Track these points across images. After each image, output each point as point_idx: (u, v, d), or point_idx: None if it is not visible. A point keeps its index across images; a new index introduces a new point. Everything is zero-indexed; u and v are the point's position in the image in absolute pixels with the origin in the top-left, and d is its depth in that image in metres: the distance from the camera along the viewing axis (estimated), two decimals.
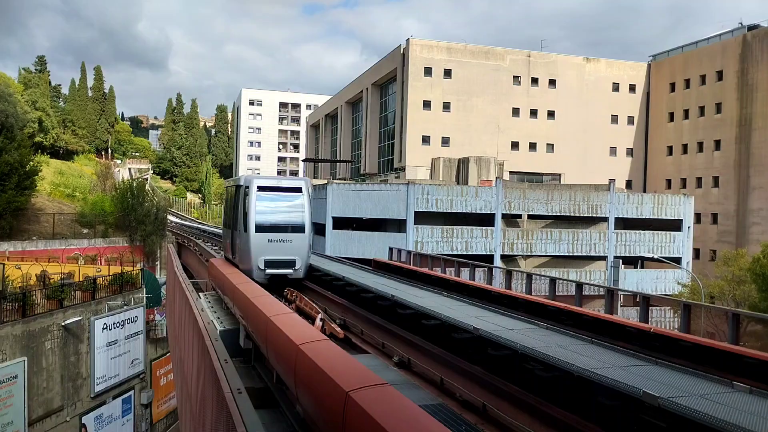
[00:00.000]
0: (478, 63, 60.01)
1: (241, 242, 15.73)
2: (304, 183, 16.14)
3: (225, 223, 19.11)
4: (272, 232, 15.38)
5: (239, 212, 15.81)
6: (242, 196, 15.68)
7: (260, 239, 15.21)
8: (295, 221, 15.72)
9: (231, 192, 17.57)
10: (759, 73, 52.76)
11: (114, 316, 32.52)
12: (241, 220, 15.56)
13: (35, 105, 67.23)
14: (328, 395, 5.85)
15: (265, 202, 15.41)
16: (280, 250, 15.39)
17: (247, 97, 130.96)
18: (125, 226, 43.84)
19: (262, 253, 15.23)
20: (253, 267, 15.24)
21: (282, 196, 15.83)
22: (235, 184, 16.89)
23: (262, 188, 15.41)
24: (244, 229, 15.36)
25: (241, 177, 16.68)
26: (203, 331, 10.43)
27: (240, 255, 15.96)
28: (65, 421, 28.81)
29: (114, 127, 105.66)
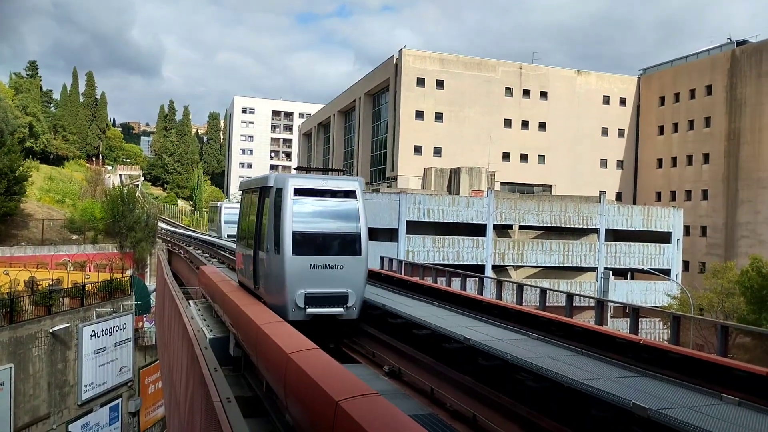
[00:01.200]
0: (470, 74, 60.38)
1: (268, 267, 11.36)
2: (357, 184, 11.72)
3: (241, 238, 14.51)
4: (316, 254, 11.11)
5: (266, 225, 11.48)
6: (271, 202, 11.39)
7: (299, 264, 10.87)
8: (348, 238, 11.42)
9: (251, 196, 13.22)
10: (747, 88, 53.44)
11: (102, 323, 32.23)
12: (270, 237, 11.20)
13: (26, 110, 66.83)
14: (318, 404, 5.84)
15: (306, 210, 11.22)
16: (327, 280, 11.04)
17: (239, 105, 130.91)
18: (115, 232, 43.54)
19: (300, 283, 10.87)
20: (287, 303, 10.85)
21: (328, 203, 11.52)
22: (258, 186, 12.37)
23: (301, 191, 11.15)
24: (274, 249, 11.00)
25: (269, 175, 11.80)
26: (193, 339, 10.38)
27: (267, 285, 11.57)
28: (52, 429, 28.46)
29: (105, 133, 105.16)
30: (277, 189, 11.26)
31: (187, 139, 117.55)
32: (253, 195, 13.02)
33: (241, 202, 14.93)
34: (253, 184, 13.22)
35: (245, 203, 14.19)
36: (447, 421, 8.13)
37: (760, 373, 7.06)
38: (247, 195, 13.98)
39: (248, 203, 13.63)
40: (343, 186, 11.67)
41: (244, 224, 14.10)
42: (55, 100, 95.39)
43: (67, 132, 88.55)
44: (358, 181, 11.87)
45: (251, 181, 14.01)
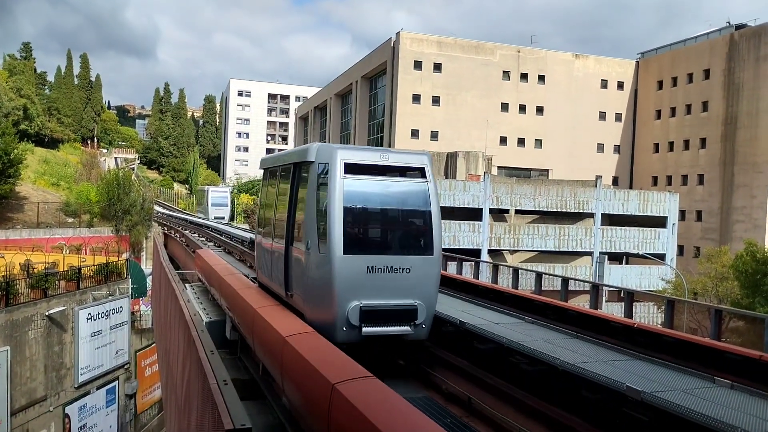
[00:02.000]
0: (468, 57, 60.00)
1: (308, 270, 8.57)
2: (426, 159, 8.94)
3: (262, 228, 11.50)
4: (375, 253, 8.38)
5: (305, 213, 8.77)
6: (311, 182, 8.68)
7: (352, 267, 8.11)
8: (417, 232, 8.77)
9: (280, 176, 10.38)
10: (745, 72, 53.27)
11: (99, 306, 32.25)
12: (310, 229, 8.48)
13: (20, 92, 66.20)
14: (314, 387, 5.87)
15: (361, 194, 8.50)
16: (389, 288, 8.28)
17: (235, 88, 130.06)
18: (111, 216, 43.43)
19: (354, 293, 8.12)
20: (335, 319, 8.11)
21: (390, 184, 8.82)
22: (291, 161, 9.63)
23: (354, 168, 8.39)
24: (317, 245, 8.26)
25: (309, 147, 8.93)
26: (189, 323, 10.39)
27: (306, 294, 8.73)
28: (48, 411, 28.60)
29: (100, 115, 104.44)
30: (320, 165, 8.52)
31: (182, 122, 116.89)
32: (282, 173, 10.17)
33: (263, 183, 11.86)
34: (283, 159, 10.48)
35: (270, 184, 11.24)
36: (442, 403, 8.19)
37: (752, 357, 7.12)
38: (273, 174, 10.91)
39: (274, 184, 10.71)
40: (409, 161, 8.85)
41: (268, 211, 11.05)
42: (50, 83, 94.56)
43: (61, 114, 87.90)
44: (426, 155, 8.97)
45: (279, 156, 11.35)
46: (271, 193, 10.99)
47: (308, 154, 8.76)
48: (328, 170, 8.30)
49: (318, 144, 8.89)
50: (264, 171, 11.86)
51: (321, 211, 8.31)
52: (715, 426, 5.20)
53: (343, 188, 8.20)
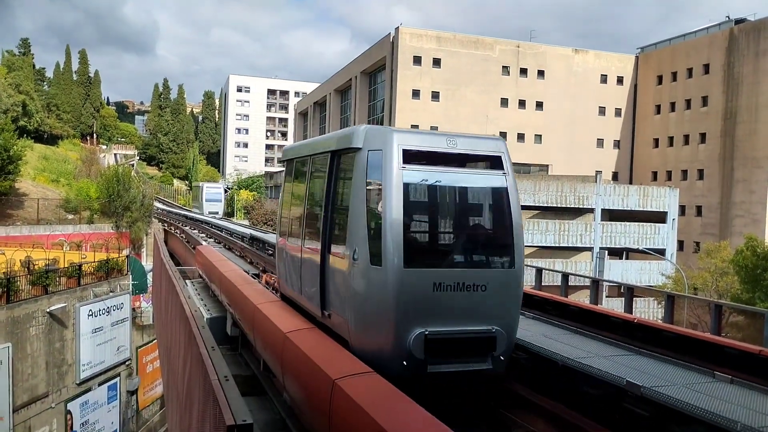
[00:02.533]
0: (467, 53, 59.89)
1: (355, 287, 6.79)
2: (503, 145, 7.23)
3: (288, 231, 9.49)
4: (443, 267, 6.78)
5: (350, 214, 6.98)
6: (359, 174, 6.90)
7: (415, 284, 6.47)
8: (495, 239, 7.20)
9: (310, 167, 8.61)
10: (745, 66, 53.17)
11: (100, 302, 32.29)
12: (358, 235, 6.75)
13: (19, 88, 66.10)
14: (314, 383, 5.88)
15: (424, 190, 7.03)
16: (460, 311, 6.64)
17: (234, 84, 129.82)
18: (111, 212, 43.41)
19: (418, 317, 6.46)
20: (393, 350, 6.43)
21: (460, 177, 7.17)
22: (328, 149, 7.81)
23: (415, 156, 6.74)
24: (368, 256, 6.54)
25: (353, 131, 7.15)
26: (190, 319, 10.41)
27: (352, 316, 6.86)
28: (50, 408, 28.66)
29: (99, 111, 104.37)
30: (370, 153, 6.72)
31: (182, 118, 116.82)
32: (315, 165, 8.38)
33: (287, 177, 9.92)
34: (316, 147, 8.57)
35: (296, 178, 9.41)
36: None
37: (752, 352, 7.14)
38: (301, 166, 9.05)
39: (303, 178, 8.95)
40: (483, 148, 7.06)
41: (295, 211, 9.18)
42: (48, 79, 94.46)
43: (60, 111, 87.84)
44: (501, 140, 7.29)
45: (310, 143, 9.37)
46: (299, 188, 9.11)
47: (353, 139, 6.93)
48: (381, 159, 6.56)
49: (366, 126, 7.02)
50: (287, 163, 9.85)
51: (372, 212, 6.63)
52: (715, 421, 5.22)
53: (401, 182, 6.44)
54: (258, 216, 54.51)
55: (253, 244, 22.90)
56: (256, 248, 21.24)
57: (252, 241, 23.87)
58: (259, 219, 53.34)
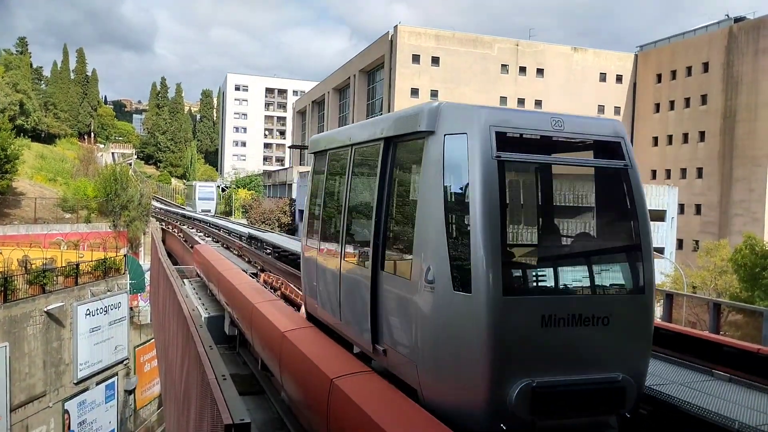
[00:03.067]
0: (466, 51, 59.86)
1: (428, 317, 5.05)
2: (620, 127, 5.56)
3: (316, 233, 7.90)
4: (553, 293, 5.14)
5: (420, 221, 5.22)
6: (430, 166, 5.23)
7: (517, 317, 4.71)
8: (619, 253, 5.56)
9: (356, 157, 6.93)
10: (744, 65, 53.19)
11: (97, 302, 32.25)
12: (433, 249, 5.01)
13: (16, 87, 65.97)
14: (312, 382, 5.86)
15: (527, 187, 5.87)
16: (576, 351, 4.93)
17: (232, 83, 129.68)
18: (108, 211, 43.35)
19: (521, 362, 4.73)
20: (488, 406, 4.68)
21: (571, 170, 5.92)
22: (383, 135, 6.21)
23: (512, 142, 5.05)
24: (447, 278, 4.82)
25: (422, 109, 5.42)
26: (188, 318, 10.37)
27: (424, 357, 5.08)
28: (48, 407, 28.62)
29: (97, 110, 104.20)
30: (448, 138, 5.06)
31: (179, 117, 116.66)
32: (358, 156, 6.79)
33: (316, 172, 8.26)
34: (359, 134, 6.87)
35: (331, 173, 7.67)
36: None
37: (751, 350, 7.12)
38: (337, 157, 7.49)
39: (341, 173, 7.31)
40: (596, 132, 5.36)
41: (330, 213, 7.58)
42: (46, 77, 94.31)
43: (58, 109, 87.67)
44: (619, 123, 5.63)
45: (353, 129, 7.44)
46: (335, 185, 7.52)
47: (421, 121, 5.25)
48: (465, 146, 4.83)
49: (441, 102, 5.34)
50: (317, 155, 8.19)
51: (454, 219, 4.90)
52: (713, 419, 5.20)
53: (496, 178, 4.72)
54: (256, 215, 54.48)
55: (251, 243, 22.88)
56: (255, 247, 21.21)
57: (250, 240, 23.85)
58: (257, 218, 53.31)
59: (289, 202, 56.15)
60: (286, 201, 56.90)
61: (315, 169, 8.33)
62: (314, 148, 8.31)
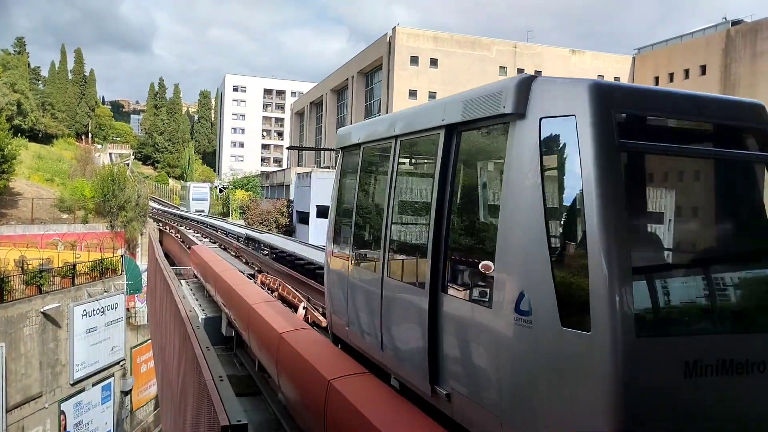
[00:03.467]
0: (464, 53, 59.95)
1: (527, 364, 3.65)
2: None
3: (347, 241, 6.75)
4: (701, 332, 3.57)
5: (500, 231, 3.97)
6: (522, 158, 3.86)
7: (652, 364, 3.24)
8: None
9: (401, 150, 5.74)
10: (742, 67, 53.38)
11: (94, 302, 32.16)
12: (533, 272, 3.64)
13: (14, 87, 65.88)
14: (310, 383, 5.84)
15: (659, 187, 4.26)
16: (730, 410, 3.41)
17: (231, 83, 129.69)
18: (106, 212, 43.28)
19: (657, 425, 3.24)
20: None
21: (712, 165, 4.06)
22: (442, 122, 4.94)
23: (636, 126, 3.71)
24: (557, 313, 3.42)
25: (506, 86, 4.03)
26: (185, 319, 10.35)
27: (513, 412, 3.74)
28: (44, 408, 28.52)
29: (95, 111, 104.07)
30: (547, 122, 3.80)
31: (177, 118, 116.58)
32: (406, 149, 5.72)
33: (346, 168, 7.24)
34: (407, 123, 5.68)
35: (365, 170, 6.60)
36: None
37: None
38: (375, 152, 6.48)
39: (380, 169, 6.38)
40: (741, 117, 4.02)
41: (362, 215, 6.57)
42: (44, 77, 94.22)
43: (55, 110, 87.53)
44: (759, 103, 4.18)
45: (393, 119, 6.07)
46: (374, 185, 6.48)
47: (505, 100, 3.99)
48: (575, 132, 3.55)
49: (529, 76, 4.04)
50: (345, 150, 7.17)
51: (558, 228, 3.71)
52: None
53: (621, 174, 3.51)
54: (254, 216, 54.45)
55: (248, 244, 22.85)
56: (252, 248, 21.18)
57: (248, 241, 23.82)
58: (254, 219, 53.28)
59: (286, 204, 56.14)
60: (283, 202, 56.87)
61: (344, 167, 7.29)
62: (343, 142, 7.20)
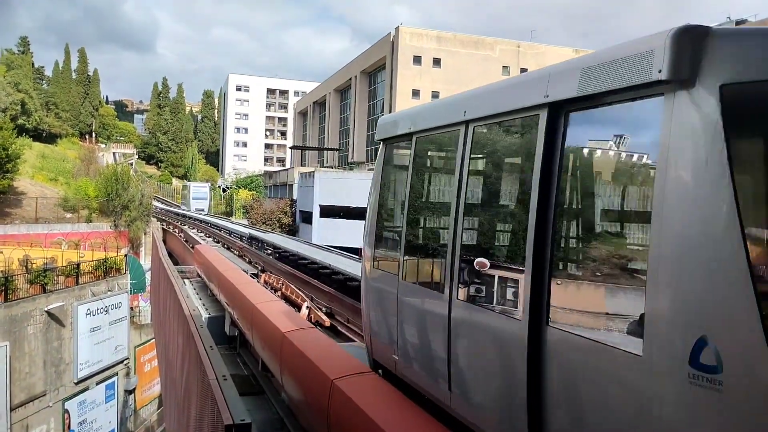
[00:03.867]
0: (467, 52, 59.91)
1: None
2: None
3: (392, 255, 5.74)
4: None
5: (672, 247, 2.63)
6: (688, 145, 2.59)
7: None
8: None
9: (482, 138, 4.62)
10: None
11: (97, 301, 32.25)
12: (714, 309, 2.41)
13: (18, 87, 66.04)
14: (313, 383, 5.86)
15: None
16: None
17: (234, 83, 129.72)
18: (109, 211, 43.38)
19: None
20: None
21: None
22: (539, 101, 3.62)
23: None
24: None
25: (653, 42, 2.75)
26: (188, 318, 10.38)
27: None
28: (48, 407, 28.62)
29: (98, 110, 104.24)
30: (729, 90, 2.52)
31: (181, 117, 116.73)
32: (483, 134, 4.67)
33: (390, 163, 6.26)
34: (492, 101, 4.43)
35: (418, 164, 5.58)
36: None
37: None
38: (432, 142, 5.61)
39: (442, 163, 5.70)
40: None
41: (416, 219, 5.57)
42: (47, 77, 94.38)
43: (59, 109, 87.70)
44: None
45: (466, 98, 5.04)
46: (433, 181, 5.63)
47: (659, 62, 2.77)
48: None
49: (697, 28, 2.74)
50: (388, 142, 6.14)
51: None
52: None
53: None
54: (257, 215, 54.49)
55: (252, 244, 22.89)
56: (255, 248, 21.22)
57: (251, 241, 23.86)
58: (257, 219, 53.33)
59: (290, 203, 56.17)
60: (287, 202, 56.91)
61: (389, 161, 6.20)
62: (387, 132, 6.11)
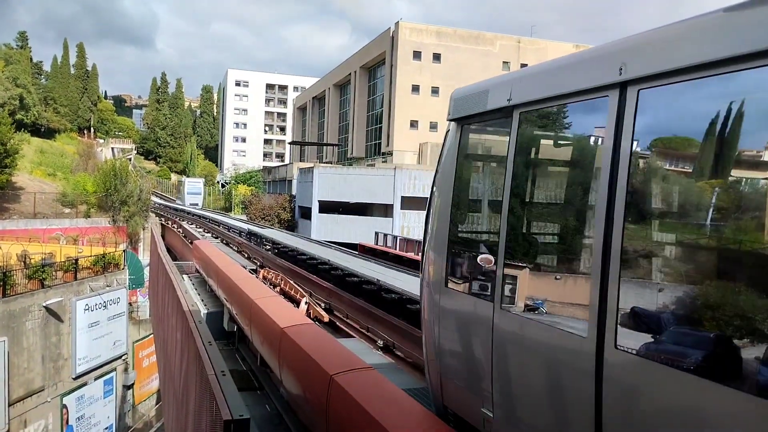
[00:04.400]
0: (467, 48, 59.78)
1: None
2: None
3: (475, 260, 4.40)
4: None
5: None
6: None
7: None
8: None
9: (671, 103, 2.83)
10: None
11: (96, 297, 32.22)
12: None
13: (16, 82, 65.80)
14: (312, 378, 5.84)
15: None
16: None
17: (233, 78, 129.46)
18: (108, 206, 43.32)
19: None
20: None
21: None
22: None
23: None
24: None
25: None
26: (187, 314, 10.35)
27: None
28: (46, 402, 28.62)
29: (97, 105, 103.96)
30: None
31: (180, 113, 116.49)
32: (650, 103, 2.90)
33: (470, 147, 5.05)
34: (664, 51, 2.81)
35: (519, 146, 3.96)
36: None
37: None
38: (554, 116, 3.82)
39: (576, 145, 3.78)
40: None
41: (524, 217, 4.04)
42: (46, 72, 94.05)
43: (58, 104, 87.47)
44: None
45: (619, 49, 3.14)
46: (552, 172, 4.16)
47: None
48: None
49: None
50: (468, 122, 5.02)
51: None
52: None
53: None
54: (256, 211, 54.46)
55: (251, 240, 22.86)
56: (254, 243, 21.19)
57: (250, 237, 23.83)
58: (256, 214, 53.30)
59: (289, 199, 56.15)
60: (286, 197, 56.88)
61: (467, 145, 4.93)
62: (470, 108, 4.82)
